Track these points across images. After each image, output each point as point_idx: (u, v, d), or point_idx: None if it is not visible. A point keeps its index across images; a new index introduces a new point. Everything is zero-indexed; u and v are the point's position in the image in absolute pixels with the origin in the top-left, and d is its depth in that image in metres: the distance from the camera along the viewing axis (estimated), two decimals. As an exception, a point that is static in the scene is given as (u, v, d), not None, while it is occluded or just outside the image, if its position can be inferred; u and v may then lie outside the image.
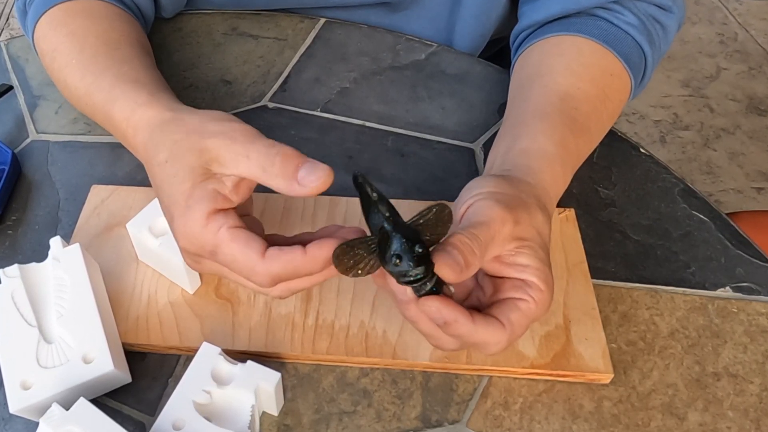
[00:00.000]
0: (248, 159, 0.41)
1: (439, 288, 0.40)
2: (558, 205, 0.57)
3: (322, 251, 0.39)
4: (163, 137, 0.45)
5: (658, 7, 0.61)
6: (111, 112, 0.51)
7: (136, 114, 0.49)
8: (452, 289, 0.41)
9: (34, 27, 0.61)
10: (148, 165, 0.46)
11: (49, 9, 0.60)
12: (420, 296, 0.40)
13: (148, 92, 0.50)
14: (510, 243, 0.42)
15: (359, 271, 0.40)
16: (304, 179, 0.39)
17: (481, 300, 0.45)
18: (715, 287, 0.54)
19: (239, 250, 0.40)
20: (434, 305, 0.40)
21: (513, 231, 0.42)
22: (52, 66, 0.59)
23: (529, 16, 0.63)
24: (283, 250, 0.40)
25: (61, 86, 0.60)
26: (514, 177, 0.48)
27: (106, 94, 0.52)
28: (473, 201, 0.44)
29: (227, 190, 0.42)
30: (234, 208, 0.42)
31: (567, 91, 0.55)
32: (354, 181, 0.39)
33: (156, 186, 0.45)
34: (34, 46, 0.63)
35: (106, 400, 0.47)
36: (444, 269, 0.39)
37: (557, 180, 0.50)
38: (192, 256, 0.43)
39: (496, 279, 0.44)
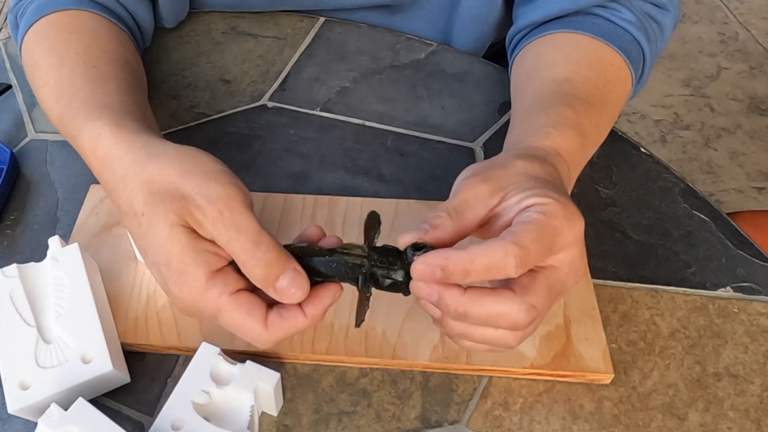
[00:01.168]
0: (230, 244, 0.40)
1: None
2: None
3: (318, 310, 0.41)
4: (136, 183, 0.43)
5: (654, 5, 0.60)
6: (78, 140, 0.49)
7: (100, 147, 0.46)
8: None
9: (23, 40, 0.59)
10: (119, 208, 0.45)
11: (38, 20, 0.58)
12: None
13: (113, 122, 0.47)
14: (492, 198, 0.41)
15: (364, 320, 0.42)
16: (281, 290, 0.40)
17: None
18: (715, 287, 0.54)
19: (241, 319, 0.40)
20: (417, 285, 0.39)
21: (490, 187, 0.41)
22: (32, 83, 0.57)
23: (525, 17, 0.62)
24: (284, 317, 0.41)
25: (41, 105, 0.57)
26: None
27: (73, 120, 0.49)
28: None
29: (218, 248, 0.41)
30: (230, 263, 0.41)
31: (565, 77, 0.54)
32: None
33: (133, 236, 0.44)
34: (22, 61, 0.61)
35: (105, 400, 0.47)
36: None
37: (548, 133, 0.47)
38: (189, 315, 0.43)
39: None
